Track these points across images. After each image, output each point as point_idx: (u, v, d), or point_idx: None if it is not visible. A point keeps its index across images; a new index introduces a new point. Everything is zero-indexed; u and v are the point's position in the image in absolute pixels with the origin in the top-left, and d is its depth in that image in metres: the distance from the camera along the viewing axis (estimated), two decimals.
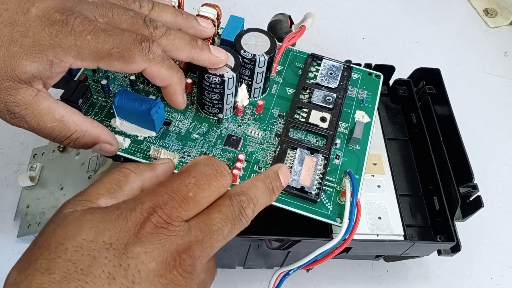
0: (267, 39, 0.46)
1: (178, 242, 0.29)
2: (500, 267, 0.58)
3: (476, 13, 0.85)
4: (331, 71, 0.51)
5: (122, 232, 0.29)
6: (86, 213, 0.30)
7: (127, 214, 0.29)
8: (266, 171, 0.37)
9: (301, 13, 0.57)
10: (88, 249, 0.28)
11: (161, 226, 0.29)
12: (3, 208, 0.57)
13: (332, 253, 0.42)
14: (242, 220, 0.32)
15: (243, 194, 0.33)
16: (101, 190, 0.32)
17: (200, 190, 0.31)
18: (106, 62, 0.35)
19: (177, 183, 0.31)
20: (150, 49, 0.35)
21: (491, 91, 0.75)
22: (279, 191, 0.37)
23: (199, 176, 0.32)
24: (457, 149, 0.51)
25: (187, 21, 0.42)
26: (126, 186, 0.33)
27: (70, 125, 0.36)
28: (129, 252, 0.28)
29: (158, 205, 0.30)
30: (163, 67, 0.37)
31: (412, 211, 0.51)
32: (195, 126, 0.46)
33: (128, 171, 0.33)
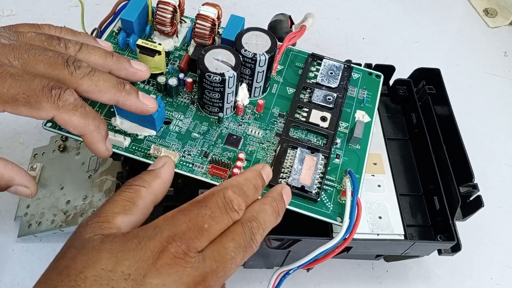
0: (267, 38, 0.46)
1: (194, 274, 0.29)
2: (500, 267, 0.58)
3: (476, 13, 0.85)
4: (332, 70, 0.51)
5: (140, 262, 0.29)
6: (105, 241, 0.30)
7: (146, 243, 0.30)
8: (272, 192, 0.38)
9: (301, 13, 0.57)
10: (107, 279, 0.28)
11: (179, 256, 0.29)
12: (3, 208, 0.57)
13: (333, 253, 0.42)
14: (252, 246, 0.33)
15: (254, 220, 0.34)
16: (116, 209, 0.32)
17: (214, 222, 0.32)
18: (11, 106, 0.34)
19: (194, 212, 0.32)
20: (59, 96, 0.34)
21: (491, 91, 0.75)
22: (283, 212, 0.38)
23: (214, 208, 0.33)
24: (457, 149, 0.51)
25: (118, 63, 0.41)
26: (139, 201, 0.33)
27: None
28: (147, 284, 0.28)
29: (176, 234, 0.30)
30: (74, 115, 0.35)
31: (413, 210, 0.51)
32: (195, 125, 0.46)
33: (138, 186, 0.34)
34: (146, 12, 0.51)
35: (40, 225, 0.53)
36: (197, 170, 0.44)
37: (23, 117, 0.36)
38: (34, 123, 0.63)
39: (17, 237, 0.54)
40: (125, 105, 0.39)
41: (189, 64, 0.49)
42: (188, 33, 0.52)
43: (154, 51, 0.45)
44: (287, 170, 0.44)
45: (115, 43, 0.51)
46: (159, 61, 0.46)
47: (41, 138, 0.62)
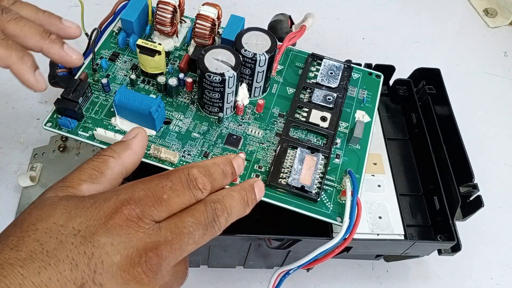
0: (267, 38, 0.46)
1: (146, 240, 0.29)
2: (500, 267, 0.58)
3: (476, 13, 0.85)
4: (332, 70, 0.51)
5: (92, 220, 0.29)
6: (62, 199, 0.30)
7: (101, 203, 0.30)
8: (242, 183, 0.37)
9: (301, 13, 0.57)
10: (57, 233, 0.28)
11: (132, 219, 0.29)
12: (3, 208, 0.57)
13: (333, 252, 0.41)
14: (214, 227, 0.32)
15: (219, 202, 0.33)
16: (82, 176, 0.32)
17: (174, 194, 0.31)
18: None
19: (155, 182, 0.32)
20: None
21: (491, 91, 0.75)
22: (253, 204, 0.36)
23: (176, 181, 0.32)
24: (457, 149, 0.51)
25: (49, 19, 0.42)
26: (107, 171, 0.33)
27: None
28: (95, 241, 0.28)
29: (132, 199, 0.30)
30: None
31: (413, 210, 0.51)
32: (195, 125, 0.46)
33: (107, 156, 0.34)
34: (146, 12, 0.51)
35: None
36: None
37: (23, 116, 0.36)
38: (34, 123, 0.63)
39: None
40: (49, 53, 0.40)
41: (189, 64, 0.49)
42: (188, 33, 0.52)
43: (154, 51, 0.45)
44: (287, 170, 0.44)
45: (115, 43, 0.51)
46: (159, 61, 0.46)
47: (41, 138, 0.62)
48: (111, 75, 0.49)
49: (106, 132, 0.43)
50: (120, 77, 0.49)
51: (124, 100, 0.42)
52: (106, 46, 0.51)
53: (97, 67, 0.48)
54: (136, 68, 0.49)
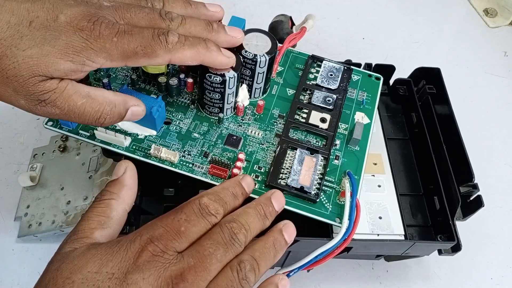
0: (268, 40, 0.46)
1: (172, 268, 0.32)
2: (500, 267, 0.58)
3: (476, 13, 0.85)
4: (331, 72, 0.51)
5: (122, 262, 0.32)
6: (90, 248, 0.33)
7: (128, 246, 0.33)
8: (259, 198, 0.39)
9: (301, 13, 0.57)
10: (93, 280, 0.31)
11: (157, 254, 0.32)
12: (3, 208, 0.57)
13: (333, 253, 0.41)
14: (235, 245, 0.34)
15: (234, 221, 0.35)
16: (92, 225, 0.35)
17: (190, 225, 0.34)
18: (133, 60, 0.37)
19: (171, 218, 0.34)
20: (167, 40, 0.37)
21: (491, 91, 0.75)
22: (272, 216, 0.39)
23: (189, 213, 0.35)
24: (458, 149, 0.51)
25: (197, 10, 0.43)
26: (112, 213, 0.36)
27: (98, 98, 0.37)
28: (129, 279, 0.31)
29: (154, 236, 0.33)
30: (185, 50, 0.38)
31: (413, 210, 0.51)
32: (195, 126, 0.46)
33: (107, 200, 0.36)
34: None
35: (40, 225, 0.53)
36: (197, 170, 0.44)
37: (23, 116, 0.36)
38: (34, 123, 0.63)
39: (17, 237, 0.54)
40: (218, 42, 0.41)
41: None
42: None
43: None
44: (287, 170, 0.44)
45: None
46: None
47: (41, 138, 0.62)
48: (112, 75, 0.49)
49: (107, 132, 0.43)
50: (121, 77, 0.49)
51: None
52: None
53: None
54: (137, 68, 0.49)
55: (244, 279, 0.34)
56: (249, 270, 0.34)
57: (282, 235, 0.38)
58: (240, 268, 0.34)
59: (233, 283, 0.33)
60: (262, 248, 0.36)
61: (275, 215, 0.39)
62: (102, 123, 0.38)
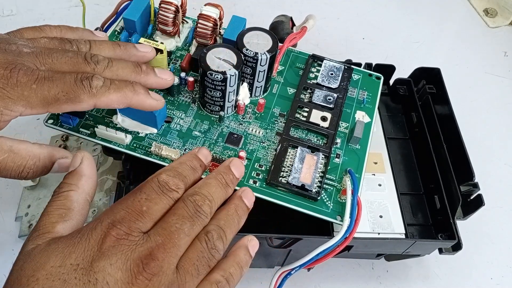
0: (269, 38, 0.46)
1: (139, 250, 0.31)
2: (500, 267, 0.58)
3: (476, 13, 0.85)
4: (332, 71, 0.52)
5: (86, 251, 0.30)
6: (51, 243, 0.31)
7: (89, 234, 0.31)
8: (218, 167, 0.38)
9: (301, 13, 0.57)
10: (58, 274, 0.29)
11: (121, 237, 0.31)
12: (4, 208, 0.57)
13: (334, 251, 0.42)
14: (201, 217, 0.34)
15: (196, 194, 0.34)
16: (53, 219, 0.33)
17: (152, 203, 0.33)
18: (55, 106, 0.36)
19: (130, 199, 0.33)
20: (90, 84, 0.36)
21: (491, 91, 0.75)
22: (234, 183, 0.38)
23: (149, 191, 0.34)
24: (458, 148, 0.52)
25: (126, 51, 0.43)
26: (73, 205, 0.34)
27: (21, 152, 0.37)
28: (95, 267, 0.30)
29: (116, 220, 0.32)
30: (110, 94, 0.37)
31: (413, 209, 0.51)
32: (196, 124, 0.46)
33: (66, 192, 0.35)
34: (148, 12, 0.51)
35: None
36: None
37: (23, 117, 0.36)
38: (34, 123, 0.63)
39: (17, 237, 0.54)
40: (147, 84, 0.41)
41: (191, 63, 0.49)
42: (190, 33, 0.52)
43: (156, 50, 0.45)
44: (288, 169, 0.44)
45: None
46: (161, 60, 0.46)
47: (41, 138, 0.62)
48: None
49: (108, 130, 0.43)
50: None
51: None
52: None
53: None
54: None
55: (213, 248, 0.33)
56: (217, 239, 0.34)
57: (243, 201, 0.37)
58: (208, 238, 0.33)
59: (203, 254, 0.33)
60: (225, 216, 0.35)
61: (237, 182, 0.38)
62: (25, 177, 0.37)
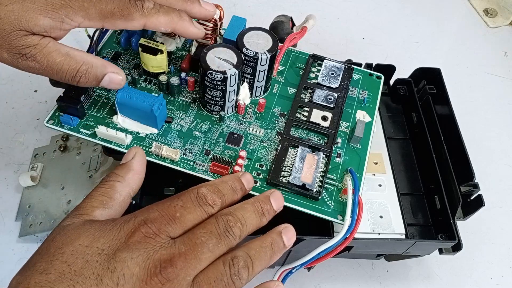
0: (269, 38, 0.46)
1: (162, 252, 0.32)
2: (500, 267, 0.58)
3: (476, 13, 0.85)
4: (332, 71, 0.52)
5: (114, 240, 0.32)
6: (85, 223, 0.33)
7: (121, 225, 0.33)
8: (258, 195, 0.39)
9: (301, 13, 0.57)
10: (83, 253, 0.31)
11: (149, 236, 0.32)
12: (4, 208, 0.57)
13: (334, 251, 0.42)
14: (228, 237, 0.34)
15: (230, 214, 0.35)
16: (94, 203, 0.35)
17: (186, 212, 0.34)
18: (110, 21, 0.39)
19: (167, 204, 0.34)
20: (143, 5, 0.40)
21: (491, 91, 0.75)
22: (270, 214, 0.38)
23: (186, 200, 0.35)
24: (458, 148, 0.52)
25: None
26: (115, 195, 0.36)
27: (76, 57, 0.39)
28: (117, 257, 0.31)
29: (149, 219, 0.33)
30: (159, 16, 0.41)
31: (413, 210, 0.51)
32: (196, 124, 0.46)
33: (112, 181, 0.37)
34: None
35: (41, 225, 0.53)
36: (198, 168, 0.44)
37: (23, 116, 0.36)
38: (34, 123, 0.63)
39: (18, 237, 0.54)
40: (192, 12, 0.45)
41: (191, 63, 0.49)
42: None
43: (156, 50, 0.45)
44: (288, 168, 0.44)
45: (117, 42, 0.51)
46: (162, 60, 0.46)
47: (41, 138, 0.62)
48: None
49: (108, 130, 0.43)
50: None
51: (126, 98, 0.42)
52: (109, 45, 0.51)
53: None
54: (138, 67, 0.49)
55: (236, 275, 0.33)
56: (243, 267, 0.33)
57: (281, 238, 0.37)
58: (233, 263, 0.33)
59: (223, 277, 0.33)
60: (259, 247, 0.35)
61: (273, 215, 0.38)
62: (77, 81, 0.40)
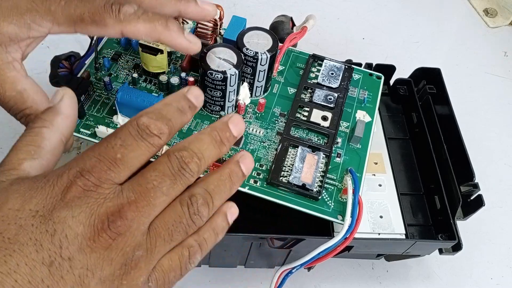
0: (269, 38, 0.46)
1: (108, 204, 0.28)
2: (500, 267, 0.58)
3: (476, 13, 0.85)
4: (332, 71, 0.52)
5: (48, 198, 0.28)
6: (13, 183, 0.29)
7: (54, 180, 0.28)
8: (214, 123, 0.33)
9: (301, 13, 0.57)
10: (14, 218, 0.27)
11: (89, 189, 0.28)
12: None
13: (334, 251, 0.42)
14: (185, 175, 0.30)
15: (185, 150, 0.30)
16: (20, 155, 0.30)
17: (128, 150, 0.29)
18: (81, 26, 0.35)
19: (104, 145, 0.29)
20: (119, 10, 0.35)
21: (491, 91, 0.75)
22: (230, 142, 0.33)
23: (125, 136, 0.29)
24: (458, 148, 0.52)
25: None
26: (44, 143, 0.31)
27: (27, 99, 0.35)
28: (55, 217, 0.27)
29: (85, 169, 0.28)
30: (138, 23, 0.36)
31: (413, 210, 0.51)
32: (197, 124, 0.46)
33: (39, 128, 0.32)
34: None
35: None
36: None
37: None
38: None
39: None
40: (187, 13, 0.40)
41: (191, 63, 0.49)
42: None
43: (156, 50, 0.45)
44: (288, 168, 0.44)
45: (117, 42, 0.51)
46: (161, 60, 0.46)
47: None
48: (113, 74, 0.49)
49: (108, 130, 0.43)
50: (122, 76, 0.49)
51: (127, 98, 0.42)
52: (109, 45, 0.51)
53: (100, 66, 0.49)
54: (138, 67, 0.49)
55: (196, 213, 0.30)
56: (202, 204, 0.30)
57: (239, 167, 0.32)
58: (192, 202, 0.30)
59: (182, 219, 0.29)
60: (217, 180, 0.31)
61: (234, 142, 0.33)
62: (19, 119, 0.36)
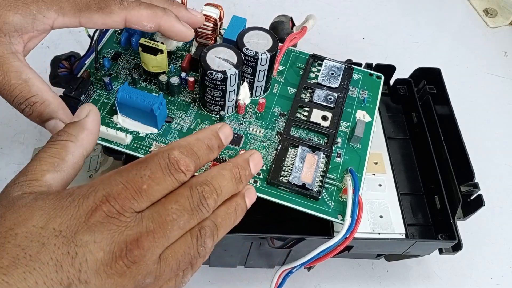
0: (269, 38, 0.46)
1: (128, 233, 0.28)
2: (500, 267, 0.58)
3: (476, 13, 0.85)
4: (332, 71, 0.52)
5: (72, 219, 0.28)
6: (38, 198, 0.29)
7: (80, 201, 0.29)
8: (236, 158, 0.35)
9: (301, 13, 0.57)
10: (38, 236, 0.27)
11: (112, 215, 0.28)
12: None
13: (334, 251, 0.42)
14: (202, 211, 0.31)
15: (206, 184, 0.31)
16: (44, 166, 0.31)
17: (154, 183, 0.30)
18: (86, 15, 0.37)
19: (133, 173, 0.30)
20: None
21: (491, 91, 0.75)
22: (247, 180, 0.35)
23: (155, 168, 0.30)
24: (458, 148, 0.52)
25: None
26: (68, 156, 0.32)
27: (33, 87, 0.36)
28: (78, 241, 0.28)
29: (111, 194, 0.29)
30: (141, 9, 0.39)
31: (413, 210, 0.51)
32: (197, 124, 0.46)
33: (64, 141, 0.32)
34: None
35: None
36: None
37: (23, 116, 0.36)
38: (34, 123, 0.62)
39: None
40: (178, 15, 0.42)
41: (191, 63, 0.49)
42: None
43: (156, 50, 0.45)
44: (288, 168, 0.44)
45: (117, 42, 0.51)
46: (162, 60, 0.46)
47: (41, 138, 0.62)
48: (113, 74, 0.49)
49: (108, 130, 0.43)
50: (122, 76, 0.49)
51: (127, 98, 0.42)
52: (109, 45, 0.51)
53: (100, 66, 0.49)
54: (138, 67, 0.49)
55: (202, 245, 0.31)
56: (209, 237, 0.31)
57: (244, 201, 0.34)
58: (201, 234, 0.31)
59: (190, 250, 0.30)
60: (224, 213, 0.33)
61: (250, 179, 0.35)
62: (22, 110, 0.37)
